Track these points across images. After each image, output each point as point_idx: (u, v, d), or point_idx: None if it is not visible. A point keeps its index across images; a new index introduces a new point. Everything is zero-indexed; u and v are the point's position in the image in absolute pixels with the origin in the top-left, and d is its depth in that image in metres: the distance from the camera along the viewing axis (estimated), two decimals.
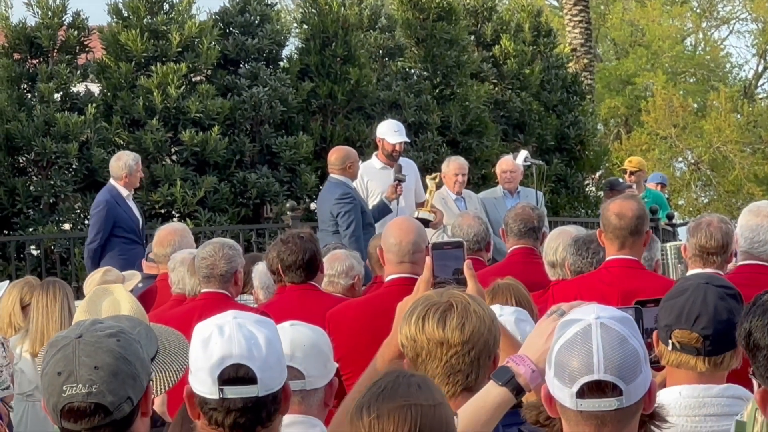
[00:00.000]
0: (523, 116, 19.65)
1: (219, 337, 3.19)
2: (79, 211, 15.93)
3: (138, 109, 16.11)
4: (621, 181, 16.52)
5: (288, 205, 15.08)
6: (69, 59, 16.40)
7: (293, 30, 19.28)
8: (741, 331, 2.86)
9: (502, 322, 3.77)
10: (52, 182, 15.56)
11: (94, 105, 15.99)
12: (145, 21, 16.56)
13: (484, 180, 17.94)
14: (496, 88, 19.77)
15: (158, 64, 16.28)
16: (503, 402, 3.28)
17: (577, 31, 24.90)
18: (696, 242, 6.05)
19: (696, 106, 38.13)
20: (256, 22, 17.31)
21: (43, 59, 16.30)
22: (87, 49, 16.81)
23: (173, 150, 16.46)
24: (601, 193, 19.24)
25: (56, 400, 3.09)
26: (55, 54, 16.36)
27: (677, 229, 16.43)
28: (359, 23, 18.08)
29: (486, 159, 18.27)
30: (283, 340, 3.44)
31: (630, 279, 5.95)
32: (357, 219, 10.20)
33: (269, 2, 17.81)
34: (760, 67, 42.07)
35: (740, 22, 42.80)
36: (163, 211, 16.11)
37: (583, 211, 19.93)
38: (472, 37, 19.95)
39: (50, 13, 16.31)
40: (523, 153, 12.44)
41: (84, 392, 3.06)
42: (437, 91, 18.59)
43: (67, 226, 15.84)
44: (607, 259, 6.11)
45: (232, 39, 17.15)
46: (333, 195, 10.32)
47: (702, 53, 41.23)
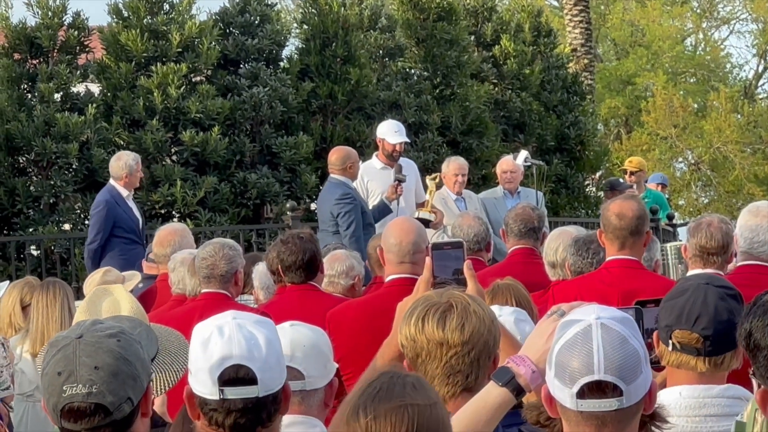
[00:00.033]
0: (524, 116, 19.65)
1: (219, 337, 3.18)
2: (79, 211, 15.93)
3: (138, 110, 16.11)
4: (621, 181, 16.52)
5: (288, 205, 15.07)
6: (69, 59, 16.39)
7: (293, 30, 19.27)
8: (741, 332, 2.86)
9: (501, 323, 3.76)
10: (53, 182, 15.55)
11: (95, 105, 15.99)
12: (145, 21, 16.55)
13: (484, 180, 17.94)
14: (497, 89, 19.77)
15: (158, 64, 16.28)
16: (503, 402, 3.27)
17: (577, 31, 24.89)
18: (696, 242, 6.05)
19: (696, 106, 38.11)
20: (257, 22, 17.30)
21: (43, 59, 16.29)
22: (87, 49, 16.80)
23: (173, 150, 16.45)
24: (602, 193, 19.25)
25: (56, 400, 3.09)
26: (56, 54, 16.36)
27: (677, 229, 16.43)
28: (359, 23, 18.08)
29: (486, 159, 18.26)
30: (283, 341, 3.44)
31: (630, 279, 5.94)
32: (357, 219, 10.19)
33: (269, 2, 17.81)
34: (761, 68, 42.07)
35: (740, 23, 42.84)
36: (163, 211, 16.10)
37: (583, 211, 19.92)
38: (473, 37, 19.94)
39: (50, 14, 16.30)
40: (524, 153, 12.43)
41: (84, 392, 3.06)
42: (437, 91, 18.58)
43: (67, 227, 15.83)
44: (608, 259, 6.11)
45: (233, 39, 17.14)
46: (333, 195, 10.31)
47: (702, 53, 41.22)
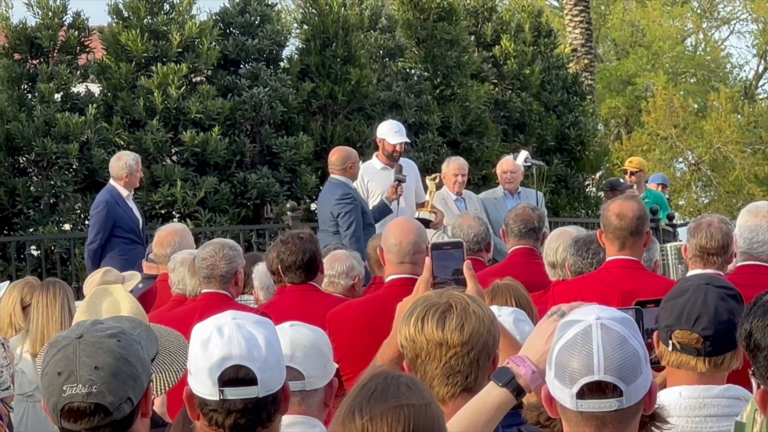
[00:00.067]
0: (524, 117, 19.64)
1: (218, 338, 3.18)
2: (79, 211, 15.93)
3: (138, 110, 16.11)
4: (622, 181, 16.52)
5: (288, 205, 15.07)
6: (69, 60, 16.39)
7: (293, 30, 19.26)
8: (741, 332, 2.86)
9: (500, 323, 3.76)
10: (53, 183, 15.55)
11: (95, 105, 15.99)
12: (145, 21, 16.55)
13: (484, 180, 17.94)
14: (497, 89, 19.77)
15: (158, 64, 16.28)
16: (503, 403, 3.27)
17: (577, 31, 24.89)
18: (696, 243, 6.05)
19: (696, 106, 38.11)
20: (257, 22, 17.30)
21: (43, 59, 16.29)
22: (87, 49, 16.80)
23: (173, 150, 16.45)
24: (602, 193, 19.24)
25: (56, 400, 3.09)
26: (56, 54, 16.36)
27: (677, 229, 16.42)
28: (360, 23, 18.08)
29: (486, 159, 18.26)
30: (282, 341, 3.44)
31: (630, 279, 5.94)
32: (357, 219, 10.19)
33: (269, 2, 17.81)
34: (761, 68, 42.07)
35: (741, 23, 42.87)
36: (163, 211, 16.10)
37: (583, 211, 19.92)
38: (473, 37, 19.94)
39: (50, 14, 16.30)
40: (524, 153, 12.42)
41: (84, 392, 3.06)
42: (437, 91, 18.58)
43: (67, 227, 15.83)
44: (608, 259, 6.10)
45: (233, 39, 17.14)
46: (333, 195, 10.31)
47: (702, 54, 41.22)
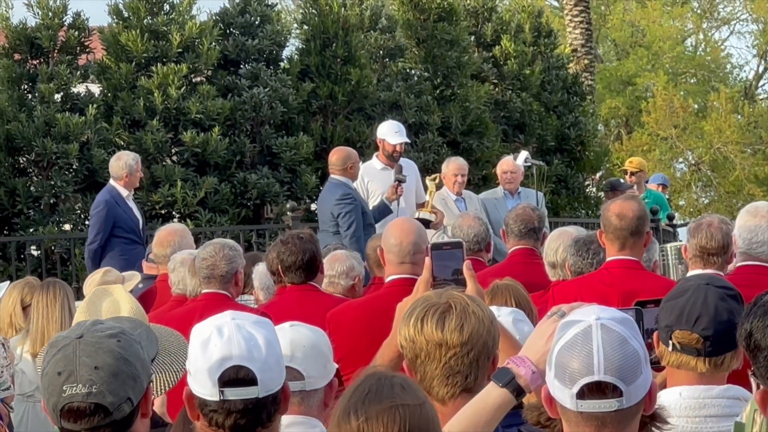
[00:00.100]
0: (524, 117, 19.64)
1: (218, 338, 3.18)
2: (79, 211, 15.93)
3: (138, 110, 16.11)
4: (622, 181, 16.51)
5: (288, 205, 15.07)
6: (69, 60, 16.39)
7: (294, 31, 19.26)
8: (742, 332, 2.86)
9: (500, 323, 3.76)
10: (53, 183, 15.55)
11: (95, 106, 15.99)
12: (145, 21, 16.55)
13: (484, 181, 17.94)
14: (497, 89, 19.77)
15: (159, 64, 16.28)
16: (504, 403, 3.27)
17: (577, 31, 24.88)
18: (696, 243, 6.05)
19: (696, 106, 38.11)
20: (257, 22, 17.30)
21: (43, 60, 16.30)
22: (87, 49, 16.80)
23: (174, 151, 16.45)
24: (602, 193, 19.24)
25: (56, 400, 3.09)
26: (56, 55, 16.36)
27: (678, 229, 16.42)
28: (360, 24, 18.07)
29: (486, 160, 18.26)
30: (282, 341, 3.44)
31: (630, 280, 5.93)
32: (358, 220, 10.18)
33: (269, 3, 17.81)
34: (761, 68, 42.07)
35: (741, 23, 42.84)
36: (163, 211, 16.10)
37: (583, 211, 19.92)
38: (473, 37, 19.94)
39: (51, 14, 16.30)
40: (524, 154, 12.43)
41: (84, 392, 3.06)
42: (438, 91, 18.58)
43: (67, 227, 15.83)
44: (608, 259, 6.10)
45: (233, 40, 17.14)
46: (334, 196, 10.30)
47: (702, 54, 41.22)
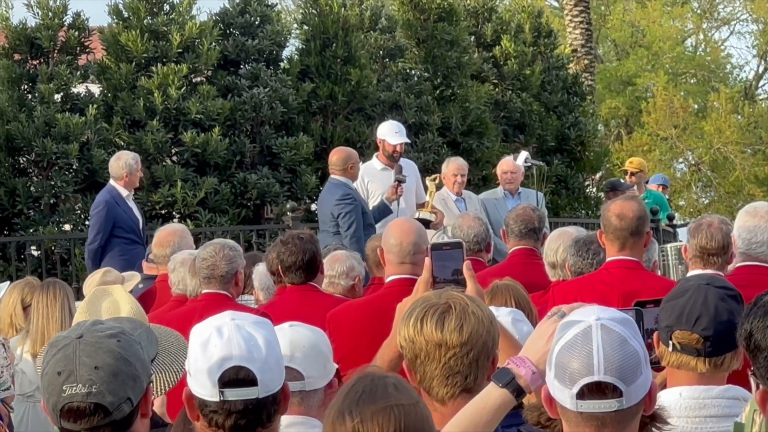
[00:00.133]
0: (524, 117, 19.64)
1: (218, 338, 3.18)
2: (79, 211, 15.93)
3: (138, 110, 16.11)
4: (622, 182, 16.51)
5: (288, 206, 15.07)
6: (69, 60, 16.39)
7: (294, 31, 19.26)
8: (742, 332, 2.86)
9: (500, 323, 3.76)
10: (53, 183, 15.55)
11: (95, 106, 15.99)
12: (145, 22, 16.55)
13: (484, 181, 17.94)
14: (497, 89, 19.76)
15: (159, 64, 16.28)
16: (504, 404, 3.27)
17: (577, 31, 24.88)
18: (696, 243, 6.04)
19: (696, 107, 38.10)
20: (257, 22, 17.30)
21: (43, 60, 16.30)
22: (87, 49, 16.80)
23: (174, 151, 16.45)
24: (602, 194, 19.24)
25: (56, 400, 3.09)
26: (56, 55, 16.36)
27: (678, 230, 16.42)
28: (360, 24, 18.07)
29: (486, 160, 18.26)
30: (282, 341, 3.43)
31: (630, 280, 5.93)
32: (358, 220, 10.18)
33: (269, 3, 17.81)
34: (761, 68, 42.06)
35: (741, 23, 42.84)
36: (163, 211, 16.10)
37: (583, 212, 19.92)
38: (473, 37, 19.93)
39: (51, 14, 16.30)
40: (524, 154, 12.42)
41: (84, 392, 3.06)
42: (438, 92, 18.58)
43: (67, 227, 15.83)
44: (608, 260, 6.10)
45: (233, 40, 17.14)
46: (334, 196, 10.30)
47: (702, 54, 41.21)
